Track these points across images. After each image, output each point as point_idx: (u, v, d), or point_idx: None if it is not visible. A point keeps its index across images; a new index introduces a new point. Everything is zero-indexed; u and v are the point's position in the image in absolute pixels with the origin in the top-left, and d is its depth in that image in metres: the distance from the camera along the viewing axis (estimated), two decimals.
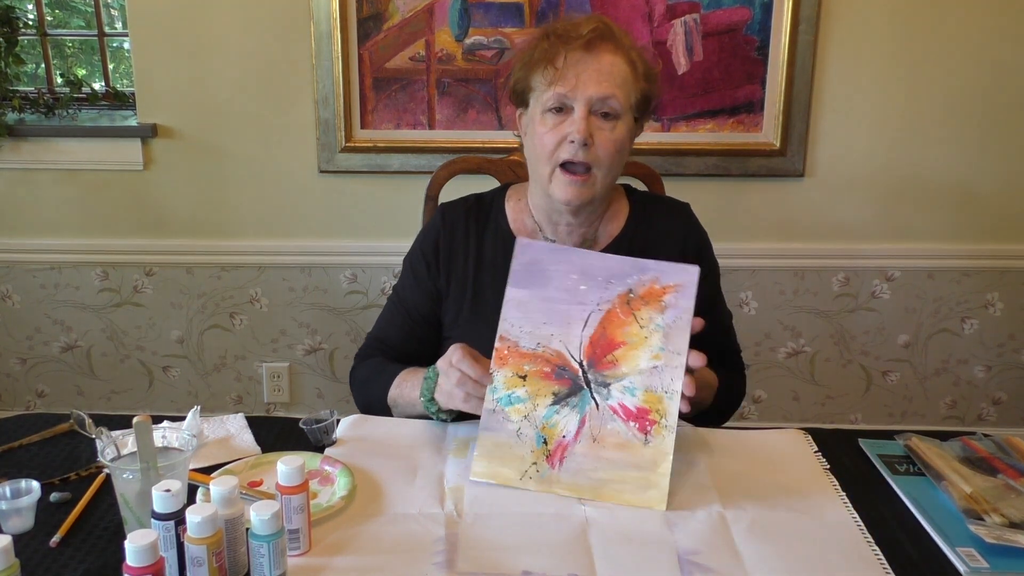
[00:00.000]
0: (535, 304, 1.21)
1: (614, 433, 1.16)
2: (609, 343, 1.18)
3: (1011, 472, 1.19)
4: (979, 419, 2.79)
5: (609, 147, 1.33)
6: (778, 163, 2.52)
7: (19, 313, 2.71)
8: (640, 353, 1.17)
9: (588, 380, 1.18)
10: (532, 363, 1.19)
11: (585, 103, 1.31)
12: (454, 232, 1.48)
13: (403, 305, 1.51)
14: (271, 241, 2.63)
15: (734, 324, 1.59)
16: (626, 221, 1.48)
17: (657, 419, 1.15)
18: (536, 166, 1.39)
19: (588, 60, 1.31)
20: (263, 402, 2.78)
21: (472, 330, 1.44)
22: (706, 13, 2.42)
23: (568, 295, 1.21)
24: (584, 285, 1.20)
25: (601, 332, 1.19)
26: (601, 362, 1.18)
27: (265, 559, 0.93)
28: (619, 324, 1.19)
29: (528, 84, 1.37)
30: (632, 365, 1.17)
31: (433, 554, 1.02)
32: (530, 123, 1.39)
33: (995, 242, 2.61)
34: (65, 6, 2.89)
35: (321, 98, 2.47)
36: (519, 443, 1.17)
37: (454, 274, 1.47)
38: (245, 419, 1.37)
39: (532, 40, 1.39)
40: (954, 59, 2.45)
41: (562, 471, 1.16)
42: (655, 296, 1.19)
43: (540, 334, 1.20)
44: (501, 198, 1.52)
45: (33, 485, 1.09)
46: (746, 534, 1.07)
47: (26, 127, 2.56)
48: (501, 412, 1.18)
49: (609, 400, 1.17)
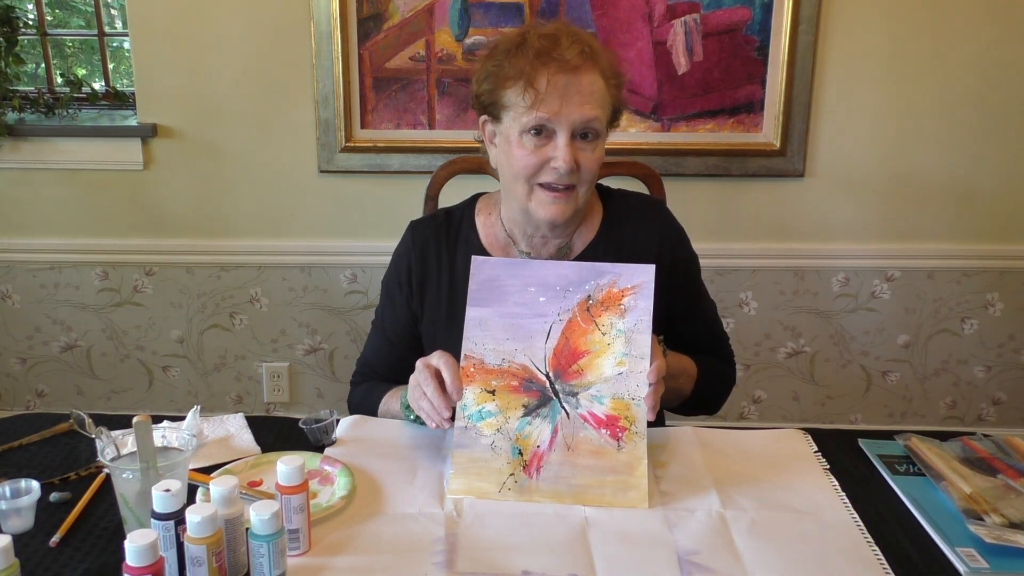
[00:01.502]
0: (496, 321, 1.22)
1: (587, 440, 1.17)
2: (573, 353, 1.19)
3: (1011, 472, 1.19)
4: (979, 419, 2.79)
5: (592, 166, 1.32)
6: (778, 163, 2.52)
7: (19, 313, 2.71)
8: (604, 361, 1.19)
9: (556, 391, 1.19)
10: (499, 378, 1.20)
11: (569, 128, 1.28)
12: (425, 252, 1.46)
13: (383, 331, 1.52)
14: (271, 241, 2.63)
15: (733, 324, 1.58)
16: (600, 226, 1.45)
17: (627, 426, 1.16)
18: (512, 184, 1.35)
19: (571, 83, 1.27)
20: (263, 402, 2.78)
21: (449, 348, 1.44)
22: (706, 13, 2.42)
23: (527, 308, 1.22)
24: (543, 296, 1.22)
25: (564, 342, 1.20)
26: (567, 372, 1.19)
27: (265, 559, 0.93)
28: (581, 333, 1.20)
29: (499, 99, 1.32)
30: (597, 373, 1.18)
31: (433, 554, 1.02)
32: (503, 140, 1.35)
33: (995, 242, 2.61)
34: (65, 6, 2.89)
35: (321, 98, 2.47)
36: (494, 456, 1.18)
37: (428, 295, 1.46)
38: (245, 419, 1.37)
39: (501, 49, 1.33)
40: (954, 59, 2.45)
41: (540, 480, 1.16)
42: (614, 300, 1.20)
43: (504, 350, 1.21)
44: (471, 212, 1.49)
45: (33, 485, 1.09)
46: (746, 534, 1.07)
47: (26, 127, 2.56)
48: (473, 428, 1.19)
49: (579, 409, 1.18)
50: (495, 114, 1.35)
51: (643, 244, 1.44)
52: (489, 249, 1.45)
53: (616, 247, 1.43)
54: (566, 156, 1.28)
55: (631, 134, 2.50)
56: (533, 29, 1.32)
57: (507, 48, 1.32)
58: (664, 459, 1.25)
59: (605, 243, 1.44)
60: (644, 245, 1.44)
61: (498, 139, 1.37)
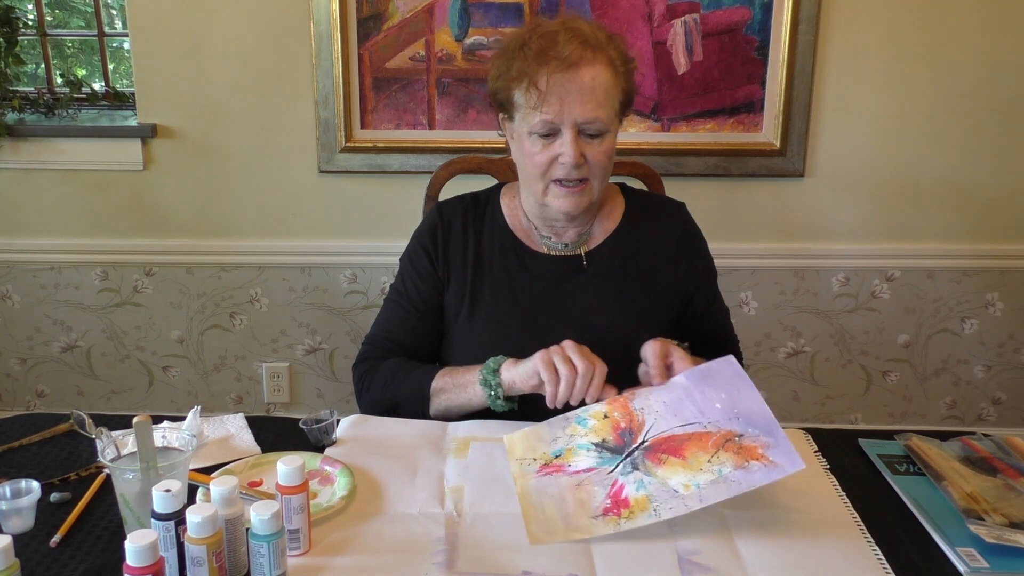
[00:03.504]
0: (678, 391, 1.24)
1: (591, 495, 1.13)
2: (676, 448, 1.17)
3: (1011, 472, 1.19)
4: (979, 419, 2.79)
5: (601, 159, 1.34)
6: (778, 163, 2.52)
7: (19, 313, 2.71)
8: (683, 474, 1.13)
9: (632, 454, 1.18)
10: (620, 412, 1.23)
11: (572, 127, 1.31)
12: (452, 227, 1.49)
13: (408, 300, 1.49)
14: (271, 241, 2.63)
15: (733, 324, 1.60)
16: (621, 218, 1.49)
17: (623, 516, 1.10)
18: (529, 180, 1.40)
19: (571, 80, 1.29)
20: (263, 402, 2.78)
21: (468, 328, 1.45)
22: (706, 13, 2.42)
23: (700, 403, 1.21)
24: (719, 404, 1.20)
25: (684, 438, 1.18)
26: (654, 451, 1.17)
27: (265, 559, 0.93)
28: (699, 445, 1.16)
29: (510, 97, 1.36)
30: (667, 474, 1.14)
31: (433, 554, 1.02)
32: (517, 137, 1.38)
33: (995, 242, 2.61)
34: (65, 6, 2.89)
35: (321, 98, 2.47)
36: (543, 443, 1.22)
37: (453, 268, 1.47)
38: (245, 419, 1.37)
39: (509, 48, 1.35)
40: (954, 59, 2.45)
41: (536, 482, 1.16)
42: (748, 452, 1.13)
43: (649, 404, 1.23)
44: (497, 195, 1.53)
45: (33, 485, 1.09)
46: (746, 534, 1.07)
47: (26, 127, 2.56)
48: (566, 421, 1.24)
49: (621, 477, 1.15)
50: (509, 111, 1.39)
51: (662, 240, 1.48)
52: (514, 231, 1.48)
53: (635, 240, 1.47)
54: (572, 152, 1.31)
55: (631, 134, 2.50)
56: (535, 28, 1.34)
57: (513, 48, 1.35)
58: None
59: (626, 235, 1.48)
60: (663, 241, 1.48)
61: (514, 135, 1.40)
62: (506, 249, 1.47)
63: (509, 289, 1.45)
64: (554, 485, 1.16)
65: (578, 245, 1.47)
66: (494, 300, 1.45)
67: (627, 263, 1.46)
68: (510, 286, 1.45)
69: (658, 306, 1.47)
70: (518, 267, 1.46)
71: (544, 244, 1.47)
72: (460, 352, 1.46)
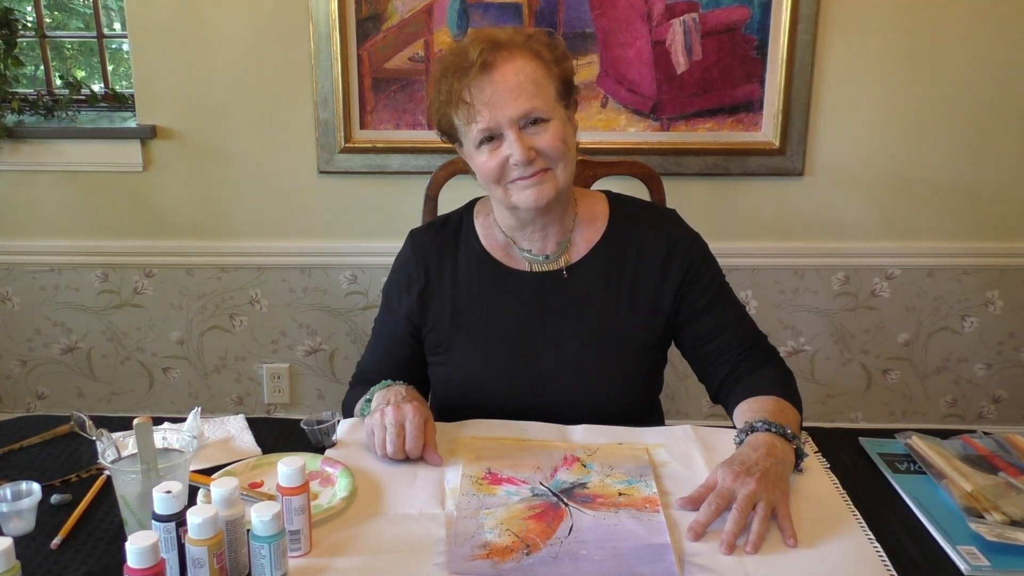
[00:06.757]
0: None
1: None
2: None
3: (1012, 470, 1.20)
4: (979, 417, 2.79)
5: (552, 144, 1.31)
6: (777, 162, 2.52)
7: (19, 315, 2.71)
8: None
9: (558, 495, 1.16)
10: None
11: (511, 125, 1.29)
12: (426, 260, 1.46)
13: (387, 335, 1.51)
14: (271, 242, 2.63)
15: None
16: (605, 228, 1.45)
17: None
18: (490, 189, 1.38)
19: (491, 82, 1.28)
20: (263, 403, 2.78)
21: (452, 357, 1.44)
22: (705, 12, 2.42)
23: None
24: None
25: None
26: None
27: (266, 560, 0.93)
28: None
29: (451, 123, 1.36)
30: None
31: (434, 555, 1.02)
32: (469, 156, 1.38)
33: (995, 240, 2.61)
34: (64, 8, 2.89)
35: (320, 99, 2.47)
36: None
37: (431, 302, 1.45)
38: (245, 420, 1.37)
39: (435, 77, 1.36)
40: (953, 58, 2.46)
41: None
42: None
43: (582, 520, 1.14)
44: (470, 216, 1.49)
45: (34, 487, 1.09)
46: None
47: (26, 129, 2.56)
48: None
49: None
50: (455, 137, 1.39)
51: (650, 249, 1.42)
52: (490, 251, 1.45)
53: (620, 248, 1.43)
54: (518, 148, 1.29)
55: (631, 134, 2.50)
56: (451, 50, 1.36)
57: (438, 76, 1.36)
58: (664, 459, 1.25)
59: (610, 246, 1.43)
60: (651, 250, 1.42)
61: (468, 156, 1.39)
62: (484, 274, 1.44)
63: (491, 316, 1.42)
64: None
65: (559, 255, 1.43)
66: (477, 328, 1.43)
67: (610, 276, 1.42)
68: (491, 313, 1.42)
69: (643, 321, 1.42)
70: (498, 290, 1.43)
71: (524, 258, 1.43)
72: (447, 381, 1.46)
